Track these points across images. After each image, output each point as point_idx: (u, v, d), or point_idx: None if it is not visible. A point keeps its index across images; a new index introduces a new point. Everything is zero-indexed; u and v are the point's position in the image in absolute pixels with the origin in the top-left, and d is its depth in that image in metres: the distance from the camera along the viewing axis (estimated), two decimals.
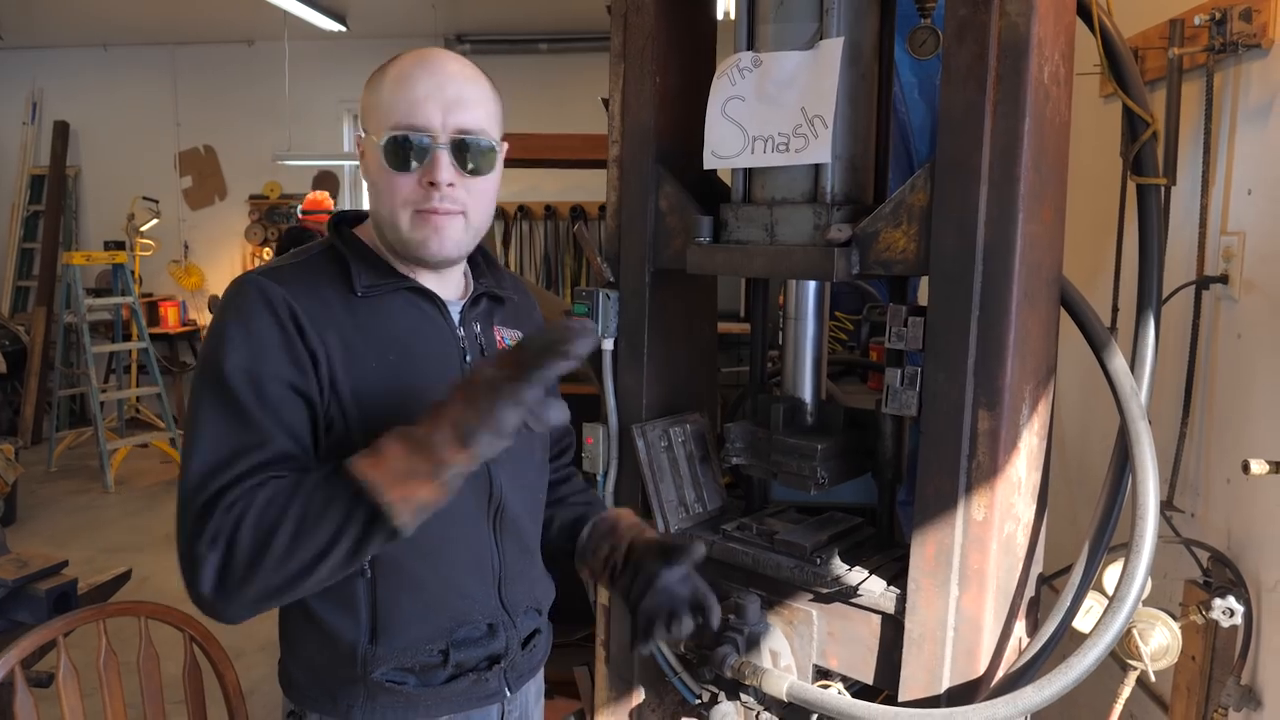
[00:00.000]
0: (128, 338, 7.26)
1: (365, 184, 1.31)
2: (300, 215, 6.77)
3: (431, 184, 1.19)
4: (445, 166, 1.19)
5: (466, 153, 1.21)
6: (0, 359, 6.87)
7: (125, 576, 2.46)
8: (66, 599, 2.17)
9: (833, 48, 1.44)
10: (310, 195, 6.90)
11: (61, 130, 8.26)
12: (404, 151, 1.18)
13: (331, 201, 6.89)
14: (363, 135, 1.25)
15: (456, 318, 1.32)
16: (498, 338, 1.37)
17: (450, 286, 1.34)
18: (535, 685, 1.47)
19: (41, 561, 2.19)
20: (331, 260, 1.26)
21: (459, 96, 1.21)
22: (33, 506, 5.83)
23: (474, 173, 1.22)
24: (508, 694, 1.35)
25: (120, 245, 7.74)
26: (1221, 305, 1.87)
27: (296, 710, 1.30)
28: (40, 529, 5.51)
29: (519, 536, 1.36)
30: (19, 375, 7.44)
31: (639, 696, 1.81)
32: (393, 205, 1.21)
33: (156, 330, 7.67)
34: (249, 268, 8.35)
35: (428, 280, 1.30)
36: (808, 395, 1.67)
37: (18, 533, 5.33)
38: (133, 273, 7.17)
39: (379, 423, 1.18)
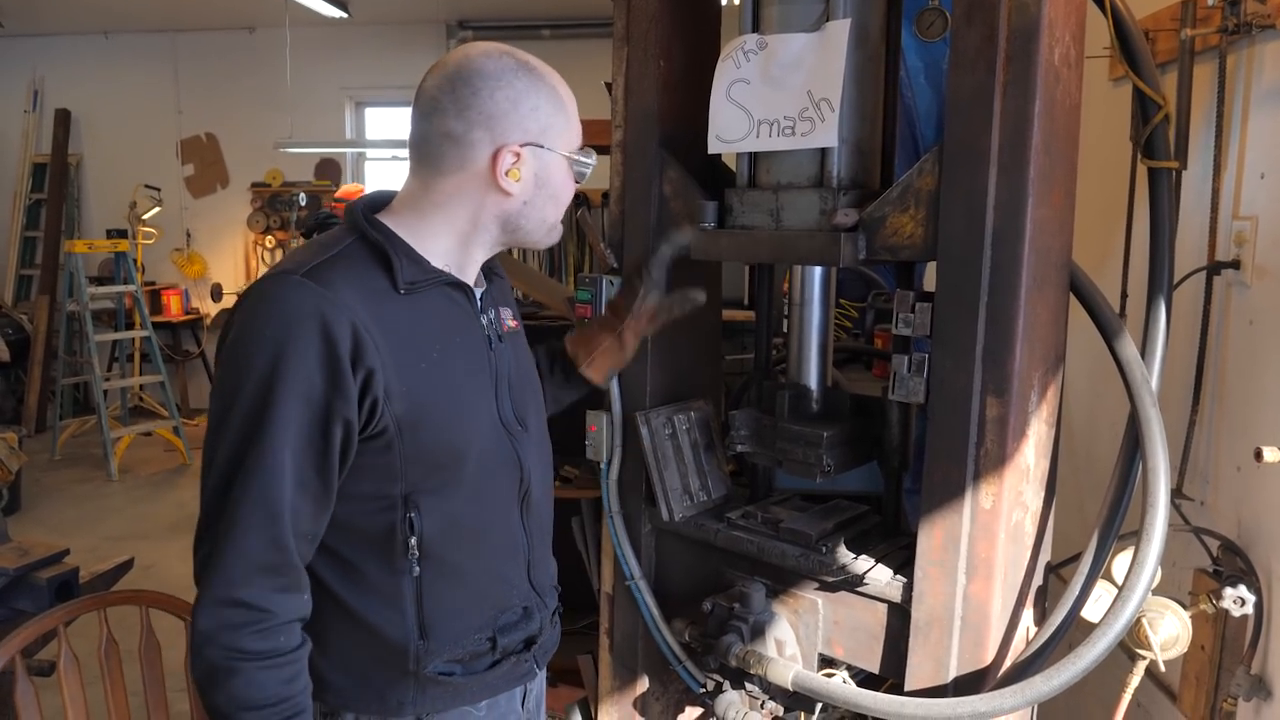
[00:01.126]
0: (130, 326, 7.26)
1: (514, 191, 1.25)
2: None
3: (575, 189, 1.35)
4: None
5: None
6: (3, 347, 6.88)
7: (127, 565, 2.45)
8: (68, 588, 2.17)
9: (839, 29, 1.42)
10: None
11: (63, 118, 8.24)
12: None
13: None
14: (527, 146, 1.23)
15: (479, 305, 1.32)
16: (502, 319, 1.37)
17: (473, 275, 1.33)
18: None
19: (43, 550, 2.19)
20: (369, 254, 1.21)
21: None
22: (36, 495, 5.84)
23: None
24: (537, 671, 1.38)
25: (123, 233, 7.72)
26: (1233, 291, 1.84)
27: (330, 712, 1.27)
28: (44, 517, 5.51)
29: (541, 519, 1.38)
30: (22, 364, 7.45)
31: (643, 685, 1.80)
32: (561, 212, 1.33)
33: (159, 319, 7.68)
34: (251, 255, 8.40)
35: (459, 271, 1.29)
36: (813, 382, 1.66)
37: (21, 521, 5.34)
38: (135, 261, 7.17)
39: (427, 421, 1.19)
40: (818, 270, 1.63)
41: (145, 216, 7.73)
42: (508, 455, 1.30)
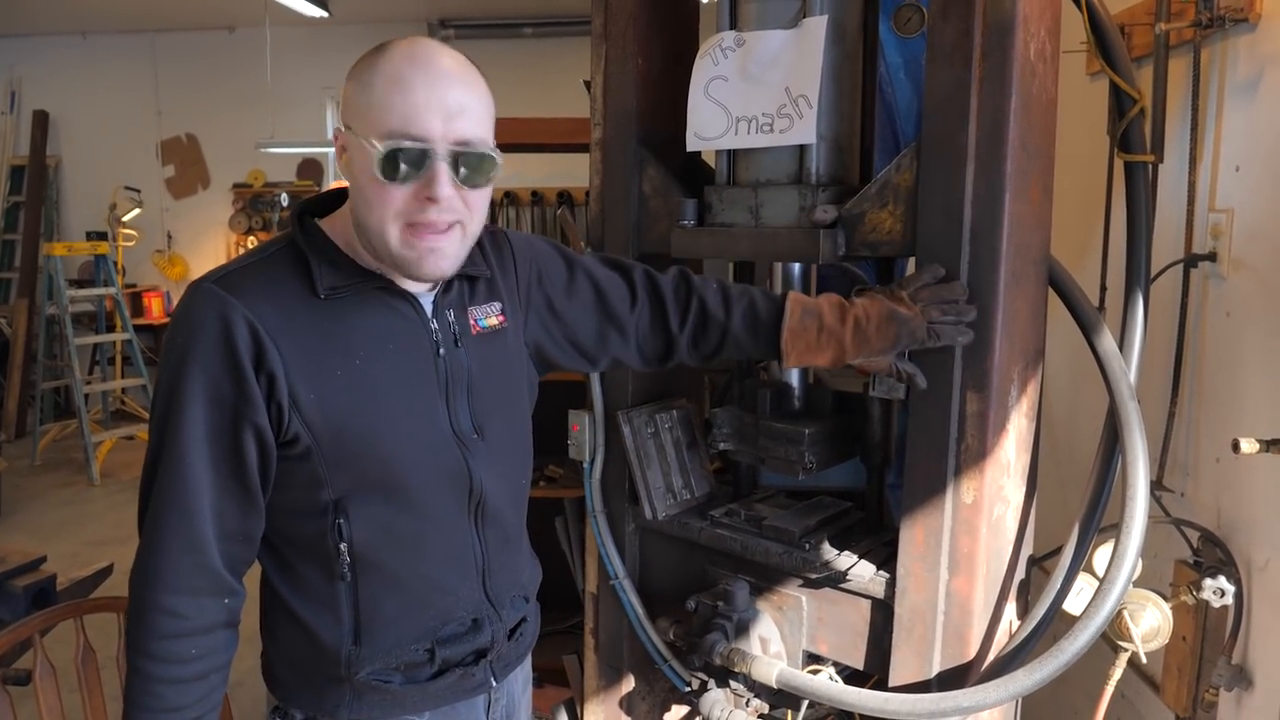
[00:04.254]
0: (111, 329, 7.20)
1: (346, 180, 1.18)
2: None
3: (429, 199, 1.11)
4: (445, 180, 1.10)
5: (466, 164, 1.12)
6: None
7: (107, 571, 2.43)
8: (45, 595, 2.15)
9: (816, 26, 1.42)
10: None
11: (41, 120, 8.15)
12: (401, 163, 1.09)
13: None
14: (345, 130, 1.15)
15: (429, 309, 1.25)
16: (470, 321, 1.29)
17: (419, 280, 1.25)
18: (523, 673, 1.45)
19: (19, 558, 2.16)
20: (294, 258, 1.18)
21: (460, 105, 1.12)
22: (17, 500, 5.78)
23: (473, 185, 1.14)
24: (494, 684, 1.34)
25: (102, 236, 7.67)
26: (1210, 283, 1.85)
27: (281, 707, 1.28)
28: (25, 523, 5.46)
29: (501, 527, 1.32)
30: (1, 368, 7.38)
31: (629, 684, 1.80)
32: (383, 217, 1.12)
33: (140, 321, 7.61)
34: (233, 257, 8.32)
35: (397, 276, 1.21)
36: (795, 379, 1.66)
37: (1, 527, 5.29)
38: (115, 263, 7.11)
39: (347, 428, 1.16)
40: (798, 267, 1.63)
41: (125, 218, 7.66)
42: (454, 465, 1.24)
